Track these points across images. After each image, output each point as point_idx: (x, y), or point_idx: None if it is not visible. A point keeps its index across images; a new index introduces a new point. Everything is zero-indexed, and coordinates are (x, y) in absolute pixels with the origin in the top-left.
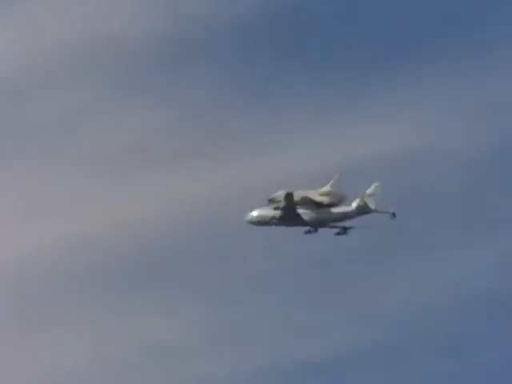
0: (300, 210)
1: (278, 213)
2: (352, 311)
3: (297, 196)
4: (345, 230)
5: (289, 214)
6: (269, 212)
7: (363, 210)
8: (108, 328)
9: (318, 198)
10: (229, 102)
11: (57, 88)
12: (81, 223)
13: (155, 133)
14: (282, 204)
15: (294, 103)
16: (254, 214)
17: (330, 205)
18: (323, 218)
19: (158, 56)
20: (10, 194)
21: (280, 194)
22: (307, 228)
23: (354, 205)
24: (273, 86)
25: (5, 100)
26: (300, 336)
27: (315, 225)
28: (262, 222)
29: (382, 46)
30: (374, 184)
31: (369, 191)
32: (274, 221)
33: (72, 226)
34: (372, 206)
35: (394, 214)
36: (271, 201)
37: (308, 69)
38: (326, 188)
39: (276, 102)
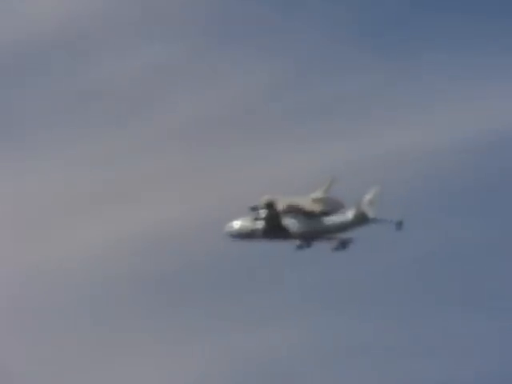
0: (287, 221)
1: (260, 224)
2: None
3: (282, 204)
4: (344, 245)
5: (272, 226)
6: (251, 223)
7: (361, 219)
8: (186, 344)
9: (308, 206)
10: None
11: (129, 46)
12: (156, 210)
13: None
14: (264, 214)
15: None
16: (235, 225)
17: (323, 214)
18: (314, 229)
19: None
20: (74, 170)
21: (262, 202)
22: (299, 242)
23: (351, 213)
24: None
25: (73, 56)
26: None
27: (305, 238)
28: (243, 235)
29: None
30: (374, 188)
31: (368, 197)
32: (257, 233)
33: (145, 213)
34: (371, 214)
35: (400, 224)
36: (254, 209)
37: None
38: (318, 194)
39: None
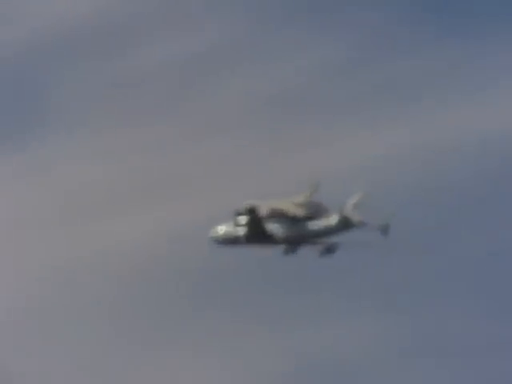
0: (271, 226)
1: (242, 230)
2: None
3: (265, 208)
4: (330, 250)
5: (255, 232)
6: (234, 229)
7: (346, 224)
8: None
9: (291, 210)
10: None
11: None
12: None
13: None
14: (244, 220)
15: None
16: (220, 230)
17: (306, 218)
18: (298, 234)
19: None
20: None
21: (244, 207)
22: (285, 247)
23: (335, 218)
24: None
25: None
26: None
27: (290, 242)
28: (227, 241)
29: None
30: (359, 192)
31: (352, 201)
32: (241, 239)
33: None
34: (356, 218)
35: (386, 228)
36: (238, 214)
37: None
38: (302, 198)
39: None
